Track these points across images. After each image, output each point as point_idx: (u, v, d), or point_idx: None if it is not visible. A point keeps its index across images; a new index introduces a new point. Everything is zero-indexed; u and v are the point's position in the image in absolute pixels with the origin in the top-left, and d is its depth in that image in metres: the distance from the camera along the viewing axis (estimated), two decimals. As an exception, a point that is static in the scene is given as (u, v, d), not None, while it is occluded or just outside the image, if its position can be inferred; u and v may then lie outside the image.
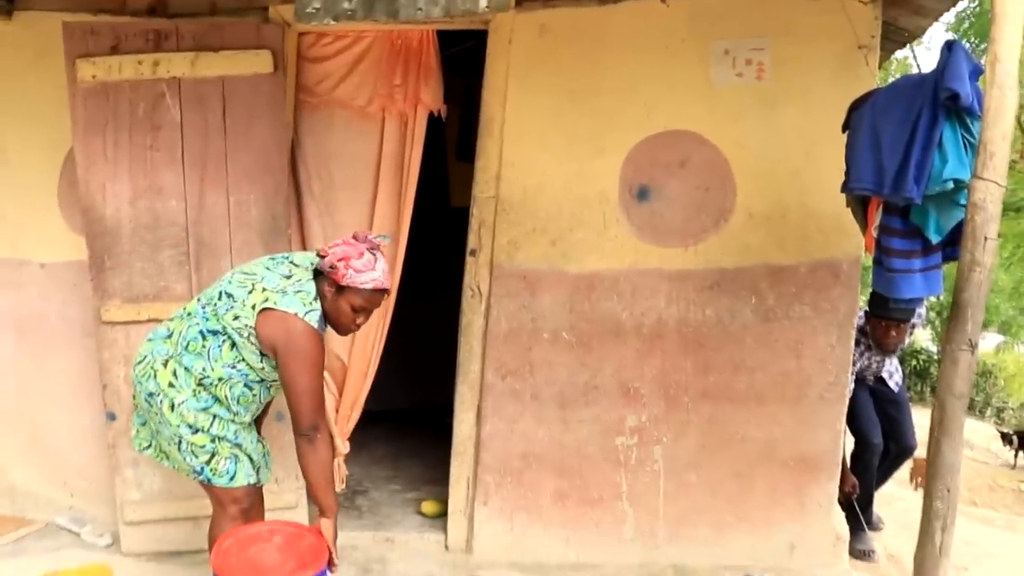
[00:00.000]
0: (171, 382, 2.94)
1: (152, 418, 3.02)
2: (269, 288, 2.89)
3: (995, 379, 20.28)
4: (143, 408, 3.05)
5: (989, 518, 6.49)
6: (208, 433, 2.96)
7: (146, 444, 3.18)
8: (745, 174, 3.80)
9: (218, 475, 3.00)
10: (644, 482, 3.95)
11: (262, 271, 2.99)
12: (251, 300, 2.88)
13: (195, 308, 3.02)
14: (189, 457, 2.98)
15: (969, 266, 2.36)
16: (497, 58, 3.89)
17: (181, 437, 2.95)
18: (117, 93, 3.82)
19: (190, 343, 2.95)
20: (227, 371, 2.93)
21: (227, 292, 2.95)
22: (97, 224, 3.86)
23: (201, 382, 2.94)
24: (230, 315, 2.89)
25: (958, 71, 2.55)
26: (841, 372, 3.86)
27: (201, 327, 2.95)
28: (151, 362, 2.99)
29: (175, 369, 2.94)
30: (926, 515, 2.48)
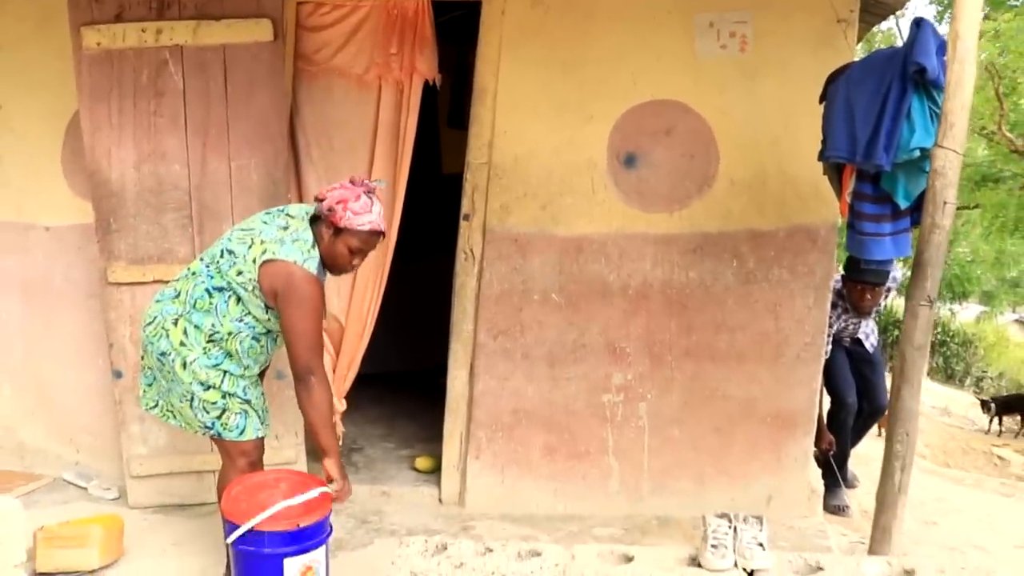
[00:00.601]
0: (182, 341, 3.04)
1: (164, 377, 3.12)
2: (267, 240, 2.98)
3: (975, 348, 20.61)
4: (154, 368, 3.17)
5: (959, 478, 6.76)
6: (219, 390, 3.08)
7: (152, 404, 3.30)
8: (728, 142, 3.96)
9: (228, 429, 3.13)
10: (629, 437, 4.14)
11: (260, 225, 3.10)
12: (251, 254, 2.97)
13: (199, 267, 3.14)
14: (201, 414, 3.09)
15: (929, 228, 2.54)
16: (490, 29, 4.02)
17: (193, 394, 3.06)
18: (121, 60, 3.92)
19: (197, 301, 3.06)
20: (235, 325, 3.06)
21: (228, 249, 3.07)
22: (103, 188, 3.98)
23: (211, 338, 3.06)
24: (233, 271, 3.01)
25: (926, 47, 2.71)
26: (817, 333, 4.04)
27: (207, 285, 3.06)
28: (161, 322, 3.08)
29: (185, 328, 3.05)
30: (887, 457, 2.68)
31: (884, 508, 2.70)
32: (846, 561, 2.38)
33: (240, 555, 2.85)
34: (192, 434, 3.27)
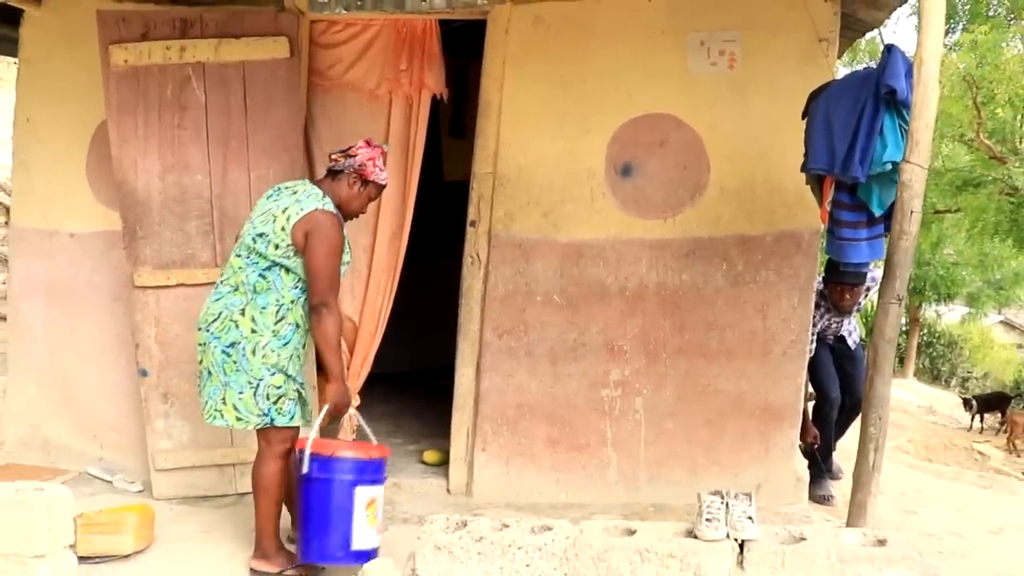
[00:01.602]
0: (253, 328, 3.33)
1: (226, 370, 3.34)
2: (287, 207, 3.33)
3: (960, 349, 20.95)
4: (211, 366, 3.37)
5: (940, 471, 7.02)
6: (285, 373, 3.38)
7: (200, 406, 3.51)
8: (718, 154, 4.22)
9: (282, 415, 3.39)
10: (626, 430, 4.38)
11: (271, 204, 3.42)
12: (278, 226, 3.31)
13: (241, 262, 3.40)
14: (262, 400, 3.35)
15: (898, 235, 2.81)
16: (495, 47, 4.28)
17: (260, 380, 3.33)
18: (147, 76, 4.18)
19: (256, 285, 3.36)
20: (294, 292, 3.38)
21: (258, 233, 3.37)
22: (130, 197, 4.22)
23: (279, 317, 3.36)
24: (271, 248, 3.32)
25: (895, 70, 2.99)
26: (802, 331, 4.30)
27: (257, 270, 3.37)
28: (228, 315, 3.35)
29: (253, 315, 3.34)
30: (862, 439, 2.95)
31: (860, 486, 2.96)
32: (826, 532, 2.64)
33: (316, 484, 3.26)
34: (229, 429, 3.51)
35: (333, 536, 3.26)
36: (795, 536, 2.61)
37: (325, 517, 3.26)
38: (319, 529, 3.28)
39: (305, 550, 3.33)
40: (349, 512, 3.25)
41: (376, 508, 3.31)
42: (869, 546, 2.59)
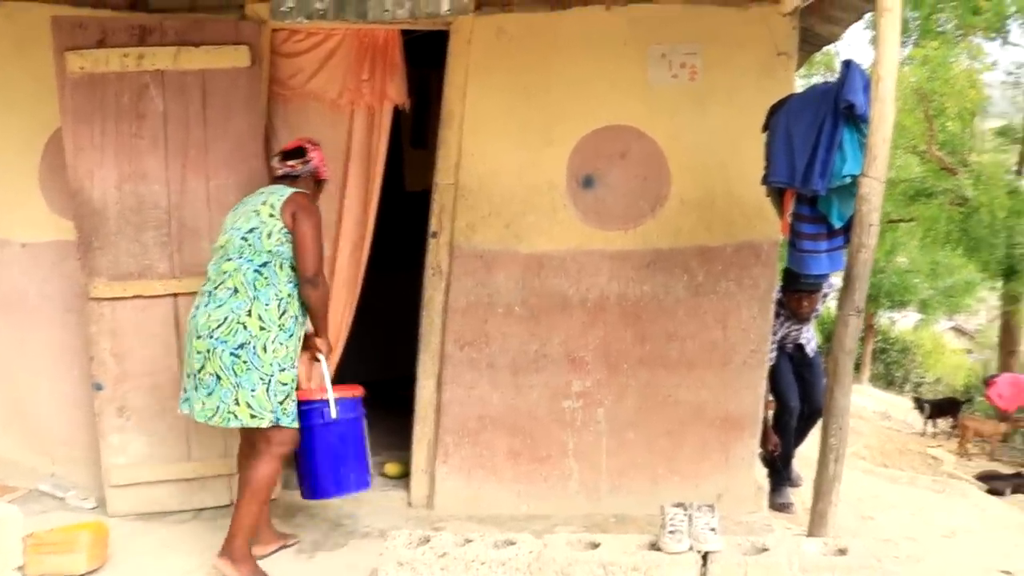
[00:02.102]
0: (260, 326, 3.43)
1: (237, 370, 3.41)
2: (266, 200, 3.54)
3: (913, 355, 21.35)
4: (220, 370, 3.42)
5: (895, 476, 7.16)
6: (293, 369, 3.52)
7: (212, 412, 3.48)
8: (679, 165, 4.25)
9: (286, 415, 3.49)
10: (588, 440, 4.38)
11: (245, 207, 3.58)
12: (265, 215, 3.49)
13: (234, 264, 3.49)
14: (273, 397, 3.44)
15: (857, 247, 2.85)
16: (457, 57, 4.28)
17: (271, 377, 3.43)
18: (104, 84, 4.10)
19: (255, 283, 3.46)
20: (290, 286, 3.52)
21: (248, 230, 3.50)
22: (85, 207, 4.14)
23: (281, 310, 3.48)
24: (265, 239, 3.47)
25: (853, 85, 3.04)
26: (762, 341, 4.34)
27: (253, 267, 3.48)
28: (235, 319, 3.43)
29: (259, 313, 3.43)
30: (823, 449, 2.99)
31: (820, 495, 2.99)
32: (788, 542, 2.66)
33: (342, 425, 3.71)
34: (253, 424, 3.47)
35: (366, 465, 3.85)
36: (758, 547, 2.63)
37: (360, 451, 3.83)
38: (357, 463, 3.81)
39: (342, 485, 3.80)
40: (366, 443, 3.85)
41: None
42: (830, 555, 2.62)
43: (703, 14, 4.17)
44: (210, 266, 3.61)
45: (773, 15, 4.13)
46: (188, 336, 3.55)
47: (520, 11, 4.23)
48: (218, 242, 3.63)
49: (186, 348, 3.59)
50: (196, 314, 3.53)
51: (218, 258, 3.58)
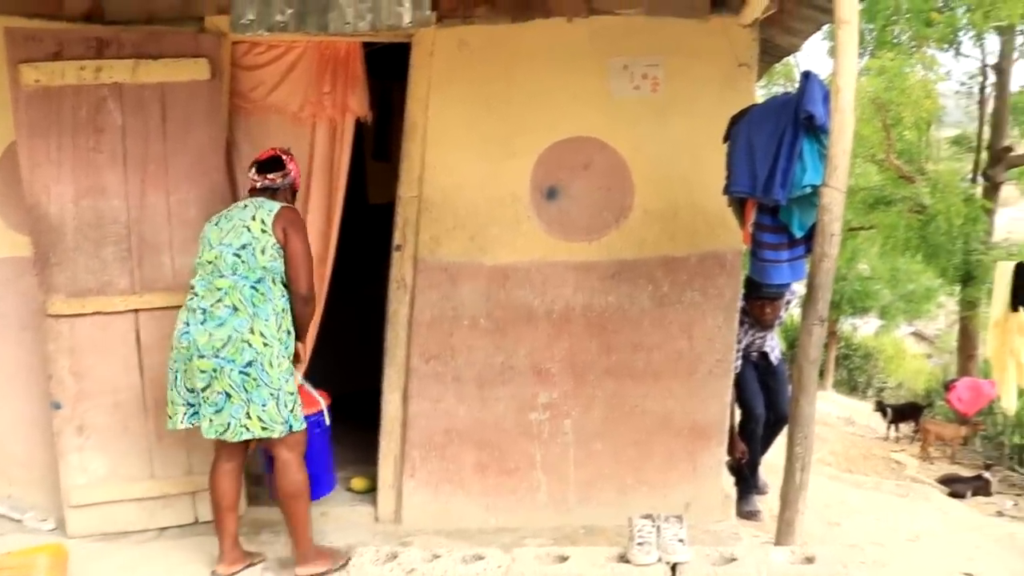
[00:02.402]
0: (264, 342, 3.46)
1: (248, 386, 3.45)
2: (255, 215, 3.54)
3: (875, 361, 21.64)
4: (230, 387, 3.45)
5: (860, 482, 7.23)
6: (292, 375, 3.59)
7: (223, 427, 3.51)
8: (642, 176, 4.27)
9: (296, 420, 3.57)
10: (555, 452, 4.38)
11: (231, 222, 3.57)
12: (256, 231, 3.50)
13: (228, 281, 3.50)
14: (283, 408, 3.51)
15: (819, 257, 2.88)
16: (419, 69, 4.26)
17: (280, 389, 3.49)
18: (60, 97, 4.03)
19: (253, 299, 3.48)
20: (283, 300, 3.58)
21: (240, 247, 3.50)
22: (42, 222, 4.07)
23: (278, 324, 3.52)
24: (259, 255, 3.49)
25: (813, 96, 3.07)
26: (727, 350, 4.37)
27: (249, 284, 3.49)
28: (239, 338, 3.44)
29: (261, 330, 3.45)
30: (789, 458, 3.00)
31: (787, 504, 3.01)
32: (756, 552, 2.67)
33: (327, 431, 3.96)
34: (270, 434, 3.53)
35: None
36: (726, 557, 2.64)
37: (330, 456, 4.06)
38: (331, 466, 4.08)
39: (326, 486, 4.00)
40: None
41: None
42: (798, 564, 2.64)
43: (664, 26, 4.20)
44: (196, 281, 3.59)
45: (733, 27, 4.17)
46: (181, 354, 3.54)
47: (482, 23, 4.22)
48: (204, 256, 3.60)
49: (176, 365, 3.59)
50: (190, 331, 3.50)
51: (207, 273, 3.56)
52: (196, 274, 3.62)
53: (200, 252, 3.64)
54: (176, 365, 3.59)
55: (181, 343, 3.53)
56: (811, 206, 3.20)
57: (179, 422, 3.64)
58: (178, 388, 3.61)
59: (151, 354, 4.16)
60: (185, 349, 3.51)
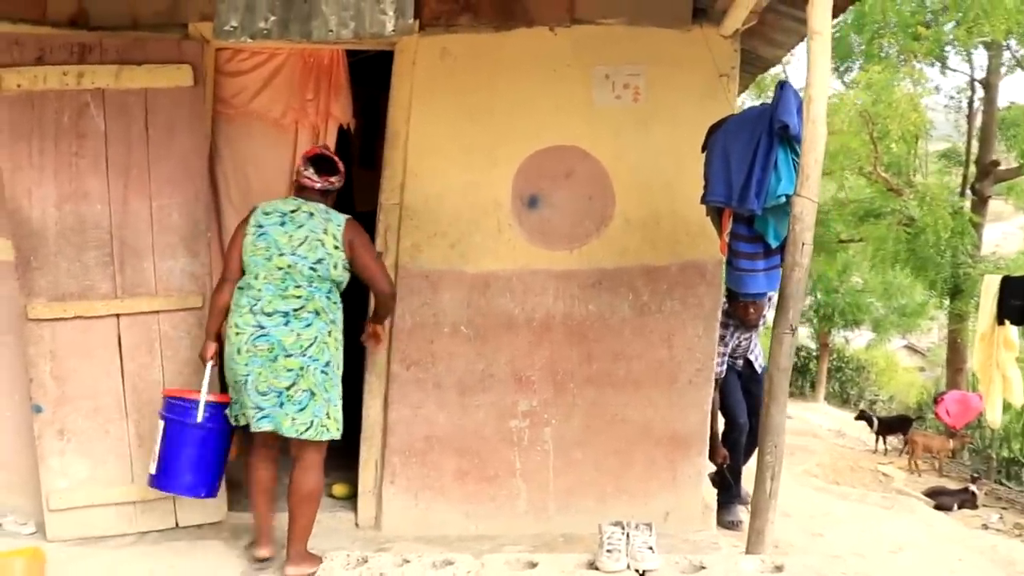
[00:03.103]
0: (336, 347, 3.71)
1: (327, 387, 3.66)
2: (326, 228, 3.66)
3: (867, 373, 21.68)
4: (316, 385, 3.62)
5: (846, 493, 7.23)
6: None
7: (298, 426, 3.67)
8: (623, 185, 4.29)
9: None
10: (535, 460, 4.38)
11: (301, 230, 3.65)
12: (330, 247, 3.64)
13: (305, 291, 3.64)
14: (338, 413, 3.72)
15: (791, 266, 2.90)
16: (402, 77, 4.29)
17: (340, 394, 3.74)
18: (43, 102, 4.05)
19: (328, 307, 3.68)
20: (340, 308, 3.79)
21: (315, 261, 3.63)
22: (23, 226, 4.08)
23: (340, 330, 3.75)
24: (332, 269, 3.65)
25: (787, 106, 3.10)
26: (707, 359, 4.38)
27: (322, 294, 3.66)
28: (322, 339, 3.63)
29: (336, 336, 3.71)
30: (759, 466, 3.01)
31: (758, 512, 3.01)
32: (726, 561, 2.68)
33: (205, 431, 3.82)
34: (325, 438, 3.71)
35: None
36: (695, 565, 2.65)
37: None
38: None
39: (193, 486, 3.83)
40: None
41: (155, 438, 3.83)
42: (767, 573, 2.64)
43: (646, 36, 4.23)
44: (263, 284, 3.63)
45: (714, 37, 4.20)
46: (260, 355, 3.58)
47: (465, 32, 4.25)
48: (274, 260, 3.62)
49: (248, 368, 3.60)
50: (270, 333, 3.58)
51: (278, 280, 3.62)
52: (255, 275, 3.65)
53: (263, 249, 3.64)
54: (249, 368, 3.59)
55: (258, 345, 3.57)
56: (786, 216, 3.21)
57: (253, 423, 3.66)
58: (248, 392, 3.62)
59: (132, 359, 4.18)
60: (268, 350, 3.57)
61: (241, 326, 3.60)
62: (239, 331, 3.61)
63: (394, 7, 4.08)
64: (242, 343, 3.59)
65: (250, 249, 3.66)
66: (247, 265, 3.68)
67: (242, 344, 3.59)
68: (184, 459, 3.77)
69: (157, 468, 3.79)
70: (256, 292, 3.62)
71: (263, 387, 3.59)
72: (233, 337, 3.63)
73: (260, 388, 3.60)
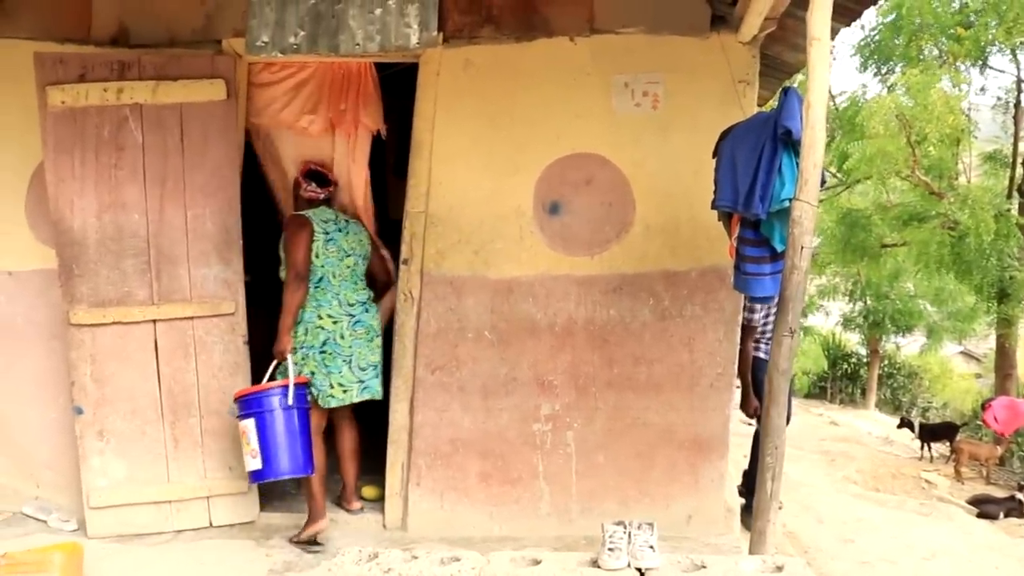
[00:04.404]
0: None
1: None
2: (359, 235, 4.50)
3: (920, 380, 21.24)
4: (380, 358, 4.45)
5: (883, 500, 7.15)
6: None
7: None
8: (643, 191, 4.35)
9: None
10: (558, 463, 4.45)
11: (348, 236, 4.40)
12: (367, 246, 4.52)
13: (364, 282, 4.48)
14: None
15: (791, 269, 2.93)
16: (426, 88, 4.40)
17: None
18: (84, 117, 4.25)
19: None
20: None
21: (363, 256, 4.48)
22: (66, 236, 4.28)
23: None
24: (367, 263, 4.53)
25: (791, 111, 3.13)
26: (728, 363, 4.40)
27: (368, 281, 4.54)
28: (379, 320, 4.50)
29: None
30: (760, 468, 3.04)
31: (759, 514, 3.04)
32: (726, 560, 2.72)
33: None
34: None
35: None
36: (696, 564, 2.69)
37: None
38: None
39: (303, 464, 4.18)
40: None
41: (247, 437, 4.06)
42: (767, 573, 2.67)
43: (664, 44, 4.29)
44: (340, 281, 4.33)
45: (732, 44, 4.24)
46: (359, 338, 4.35)
47: (487, 43, 4.36)
48: (344, 261, 4.35)
49: (349, 351, 4.31)
50: (362, 319, 4.37)
51: (347, 277, 4.36)
52: (332, 274, 4.31)
53: (335, 252, 4.31)
54: (352, 350, 4.32)
55: (357, 330, 4.34)
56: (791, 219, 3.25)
57: (354, 396, 4.35)
58: (353, 368, 4.33)
59: (168, 363, 4.35)
60: (365, 332, 4.37)
61: (335, 316, 4.29)
62: (335, 320, 4.30)
63: (418, 21, 4.23)
64: (343, 329, 4.30)
65: (323, 253, 4.27)
66: (320, 266, 4.27)
67: (343, 330, 4.29)
68: (287, 442, 4.07)
69: (262, 462, 4.05)
70: (336, 288, 4.31)
71: (363, 363, 4.36)
72: (330, 325, 4.28)
73: (361, 365, 4.35)
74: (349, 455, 4.55)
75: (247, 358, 4.44)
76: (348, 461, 4.56)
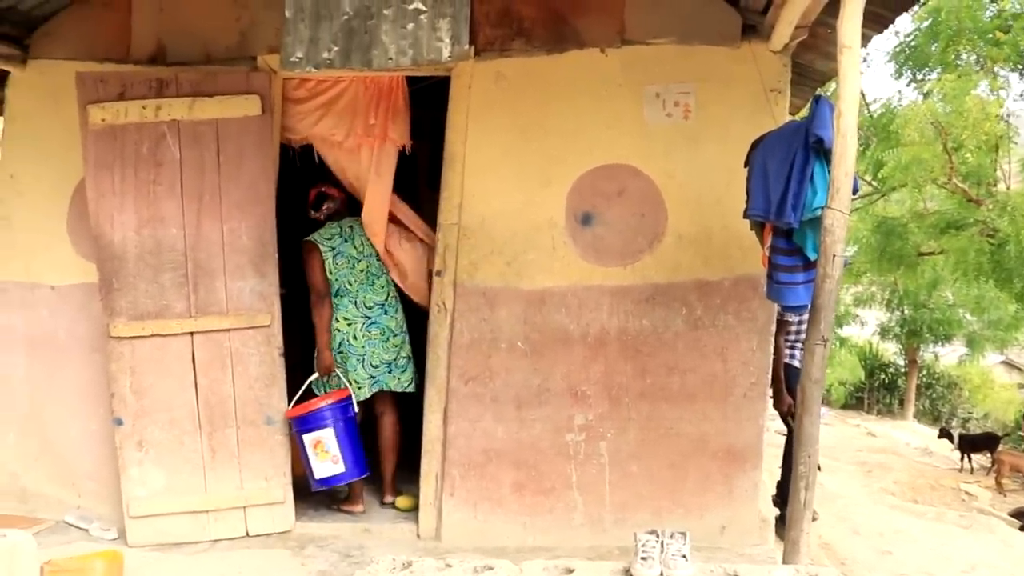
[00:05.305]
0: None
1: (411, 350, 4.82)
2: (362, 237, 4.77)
3: (959, 390, 20.89)
4: (409, 349, 4.82)
5: (922, 512, 7.05)
6: None
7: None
8: (675, 201, 4.35)
9: None
10: (591, 473, 4.44)
11: (356, 241, 4.71)
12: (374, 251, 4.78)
13: (383, 279, 4.79)
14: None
15: (822, 278, 2.91)
16: (459, 101, 4.44)
17: None
18: (124, 134, 4.35)
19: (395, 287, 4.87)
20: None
21: (375, 255, 4.75)
22: (106, 250, 4.37)
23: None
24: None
25: (823, 120, 3.12)
26: (761, 373, 4.37)
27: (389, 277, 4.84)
28: (403, 315, 4.85)
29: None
30: (793, 478, 3.02)
31: (792, 523, 3.02)
32: (759, 570, 2.70)
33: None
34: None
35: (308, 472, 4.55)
36: (728, 573, 2.68)
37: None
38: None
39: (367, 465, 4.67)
40: (305, 453, 4.47)
41: (324, 446, 4.43)
42: (802, 583, 2.66)
43: (695, 54, 4.29)
44: (357, 286, 4.68)
45: (763, 53, 4.23)
46: (373, 339, 4.68)
47: (518, 56, 4.39)
48: (357, 267, 4.70)
49: (363, 350, 4.66)
50: (378, 320, 4.71)
51: (362, 281, 4.69)
52: (349, 281, 4.65)
53: (344, 264, 4.66)
54: (364, 350, 4.67)
55: (371, 332, 4.69)
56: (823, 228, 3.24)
57: (366, 392, 4.66)
58: (366, 366, 4.67)
59: (205, 374, 4.42)
60: (380, 333, 4.70)
61: (351, 318, 4.65)
62: (350, 322, 4.65)
63: (450, 35, 4.25)
64: (357, 330, 4.65)
65: (334, 268, 4.64)
66: (335, 280, 4.64)
67: (357, 331, 4.65)
68: (356, 447, 4.55)
69: (345, 465, 4.49)
70: (354, 292, 4.67)
71: (376, 362, 4.68)
72: (345, 327, 4.64)
73: (373, 363, 4.67)
74: (389, 447, 4.86)
75: (283, 369, 4.49)
76: (388, 452, 4.86)
